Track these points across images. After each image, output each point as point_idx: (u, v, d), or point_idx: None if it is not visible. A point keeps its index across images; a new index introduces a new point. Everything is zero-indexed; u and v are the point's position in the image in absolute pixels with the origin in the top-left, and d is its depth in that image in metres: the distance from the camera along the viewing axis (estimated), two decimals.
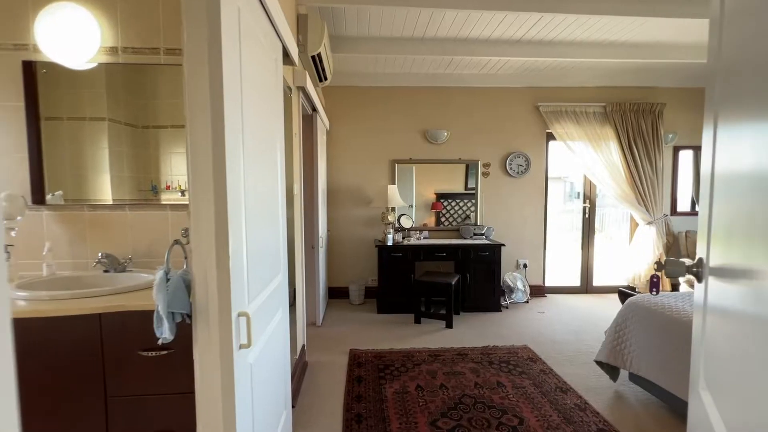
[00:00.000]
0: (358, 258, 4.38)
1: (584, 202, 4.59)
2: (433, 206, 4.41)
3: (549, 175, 4.52)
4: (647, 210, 4.23)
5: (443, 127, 4.29)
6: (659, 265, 0.88)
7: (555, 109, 4.24)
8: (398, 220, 4.25)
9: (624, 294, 2.70)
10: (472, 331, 3.39)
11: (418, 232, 4.24)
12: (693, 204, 4.67)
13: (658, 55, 3.49)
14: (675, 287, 4.25)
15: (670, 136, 4.34)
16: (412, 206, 4.40)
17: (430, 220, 4.44)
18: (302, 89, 2.56)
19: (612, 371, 2.40)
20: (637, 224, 4.42)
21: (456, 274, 3.82)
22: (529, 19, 2.96)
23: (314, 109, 3.26)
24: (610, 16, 2.84)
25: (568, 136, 4.24)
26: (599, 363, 2.42)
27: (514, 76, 4.23)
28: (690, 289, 3.74)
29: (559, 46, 3.45)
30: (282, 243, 1.70)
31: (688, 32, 3.21)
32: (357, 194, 4.35)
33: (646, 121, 4.20)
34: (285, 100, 2.25)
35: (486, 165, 4.35)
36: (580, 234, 4.64)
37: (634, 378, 2.34)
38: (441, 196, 4.40)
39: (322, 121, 3.72)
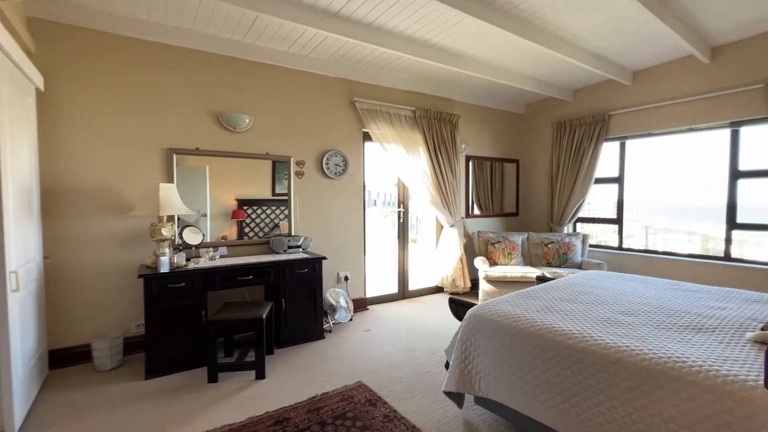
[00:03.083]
0: (109, 296, 2.85)
1: (399, 206, 4.52)
2: (234, 215, 3.37)
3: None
4: (450, 213, 4.49)
5: (244, 111, 3.32)
6: None
7: (371, 107, 3.96)
8: (180, 234, 2.99)
9: (457, 303, 2.50)
10: (292, 377, 2.57)
11: (212, 249, 3.10)
12: (471, 207, 5.30)
13: (460, 64, 3.65)
14: (474, 284, 4.66)
15: (463, 146, 4.78)
16: (206, 215, 3.23)
17: (231, 232, 3.37)
18: None
19: (458, 397, 2.08)
20: (442, 227, 4.65)
21: (268, 301, 2.92)
22: None
23: None
24: (433, 4, 2.64)
25: (384, 137, 4.03)
26: (448, 393, 2.06)
27: (328, 63, 3.70)
28: (490, 287, 4.10)
29: (377, 33, 3.11)
30: None
31: (487, 48, 3.44)
32: (105, 197, 2.83)
33: (446, 129, 4.47)
34: None
35: (300, 163, 3.64)
36: (395, 239, 4.55)
37: (479, 400, 2.09)
38: (244, 203, 3.41)
39: (20, 69, 2.14)
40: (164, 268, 2.58)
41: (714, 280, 3.62)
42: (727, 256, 3.71)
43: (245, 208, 3.44)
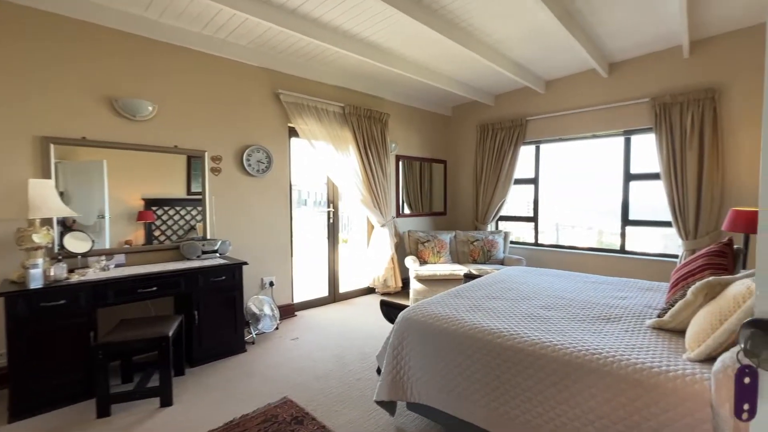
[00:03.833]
0: None
1: (328, 206, 4.34)
2: (141, 216, 2.92)
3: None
4: (381, 213, 4.44)
5: (146, 98, 2.88)
6: (749, 351, 0.33)
7: (297, 101, 3.72)
8: (61, 241, 2.48)
9: (388, 306, 2.43)
10: (206, 400, 2.27)
11: (104, 257, 2.63)
12: (402, 207, 5.33)
13: (389, 61, 3.60)
14: (405, 283, 4.67)
15: (393, 145, 4.77)
16: (104, 217, 2.74)
17: (137, 236, 2.91)
18: None
19: (390, 406, 2.00)
20: (373, 227, 4.58)
21: (177, 315, 2.56)
22: None
23: None
24: None
25: (311, 134, 3.83)
26: (380, 402, 1.97)
27: (249, 50, 3.39)
28: (421, 285, 4.12)
29: (302, 21, 2.91)
30: None
31: (415, 47, 3.43)
32: None
33: (376, 127, 4.40)
34: None
35: (216, 159, 3.28)
36: (325, 240, 4.37)
37: (411, 405, 2.03)
38: (153, 203, 2.98)
39: None
40: (35, 283, 2.10)
41: (612, 271, 4.06)
42: (622, 249, 4.20)
43: (155, 208, 3.00)
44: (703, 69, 3.51)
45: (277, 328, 3.45)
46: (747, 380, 0.39)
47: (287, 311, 3.80)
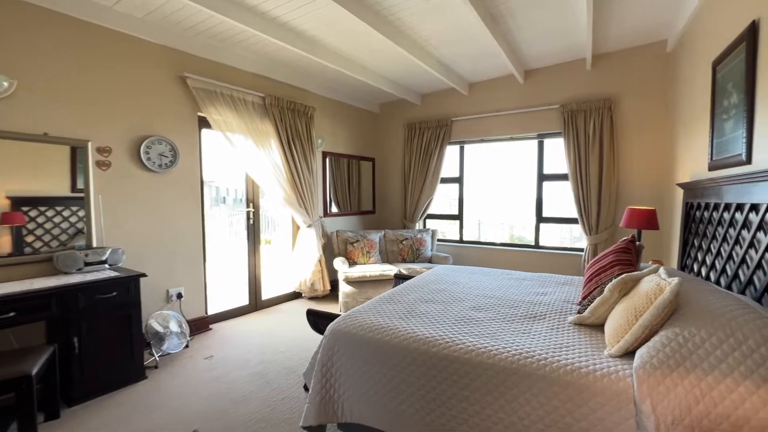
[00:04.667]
0: None
1: (248, 206, 3.95)
2: (5, 219, 2.30)
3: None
4: (307, 213, 4.18)
5: None
6: None
7: (208, 87, 3.29)
8: None
9: (315, 315, 2.22)
10: None
11: None
12: (329, 205, 5.13)
13: (314, 51, 3.36)
14: (334, 285, 4.47)
15: (320, 141, 4.52)
16: None
17: (1, 243, 2.28)
18: None
19: (319, 429, 1.82)
20: (299, 227, 4.30)
21: (48, 345, 2.05)
22: None
23: None
24: None
25: (226, 125, 3.42)
26: (307, 428, 1.77)
27: (147, 24, 2.88)
28: (350, 288, 3.96)
29: None
30: None
31: (343, 38, 3.24)
32: None
33: (301, 121, 4.12)
34: None
35: (104, 150, 2.73)
36: (244, 242, 3.97)
37: (342, 425, 1.87)
38: (23, 202, 2.37)
39: None
40: None
41: (528, 265, 4.35)
42: (536, 244, 4.52)
43: (26, 209, 2.39)
44: (602, 80, 3.90)
45: (187, 347, 3.02)
46: None
47: (200, 325, 3.36)
